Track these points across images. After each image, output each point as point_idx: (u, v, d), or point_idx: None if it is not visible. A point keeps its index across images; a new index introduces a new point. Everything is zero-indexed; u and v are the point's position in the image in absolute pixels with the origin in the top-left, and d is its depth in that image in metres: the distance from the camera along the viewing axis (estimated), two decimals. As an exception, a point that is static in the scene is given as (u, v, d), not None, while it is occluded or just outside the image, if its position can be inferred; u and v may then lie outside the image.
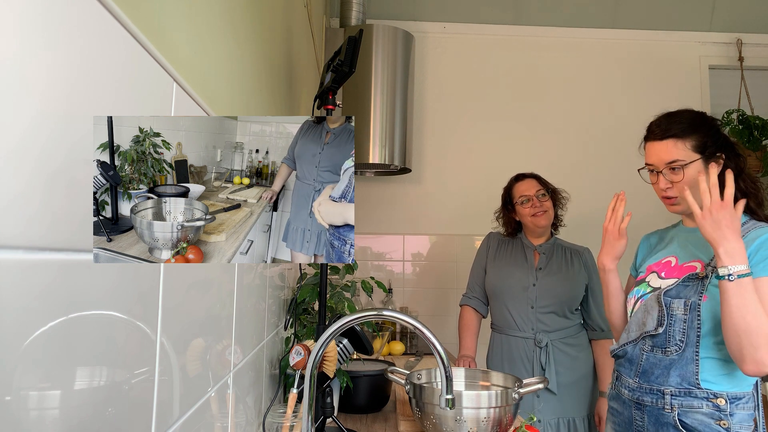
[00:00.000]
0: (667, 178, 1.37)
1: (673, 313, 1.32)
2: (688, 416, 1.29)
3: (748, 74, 3.34)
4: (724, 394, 1.26)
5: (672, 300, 1.33)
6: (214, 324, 0.82)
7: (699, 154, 1.35)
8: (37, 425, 0.37)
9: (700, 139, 1.35)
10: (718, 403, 1.26)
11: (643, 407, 1.36)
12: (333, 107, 1.38)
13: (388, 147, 2.73)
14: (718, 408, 1.26)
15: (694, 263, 1.36)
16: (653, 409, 1.34)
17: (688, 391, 1.29)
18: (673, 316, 1.32)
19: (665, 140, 1.37)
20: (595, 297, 2.11)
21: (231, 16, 0.91)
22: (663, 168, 1.38)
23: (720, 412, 1.26)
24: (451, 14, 3.31)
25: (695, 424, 1.27)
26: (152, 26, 0.56)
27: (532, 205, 2.10)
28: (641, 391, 1.37)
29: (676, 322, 1.32)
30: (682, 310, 1.31)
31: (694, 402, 1.28)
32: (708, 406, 1.27)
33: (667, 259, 1.43)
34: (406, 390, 1.35)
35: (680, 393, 1.30)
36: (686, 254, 1.39)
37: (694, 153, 1.35)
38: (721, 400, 1.26)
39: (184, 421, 0.68)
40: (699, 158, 1.35)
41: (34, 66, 0.36)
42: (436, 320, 3.07)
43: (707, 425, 1.26)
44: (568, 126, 3.30)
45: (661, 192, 1.40)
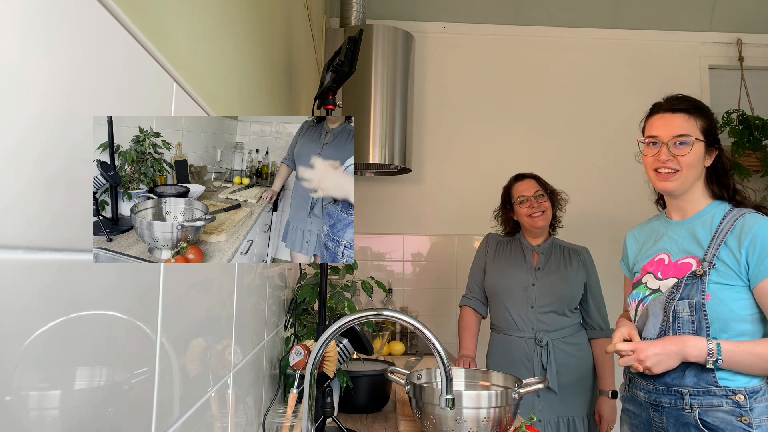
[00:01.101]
0: (670, 150, 1.36)
1: (680, 315, 1.31)
2: (709, 415, 1.28)
3: (748, 74, 3.34)
4: (742, 390, 1.26)
5: (679, 302, 1.32)
6: (214, 324, 0.82)
7: (703, 137, 1.37)
8: (37, 425, 0.37)
9: (708, 123, 1.38)
10: (738, 400, 1.26)
11: (661, 408, 1.35)
12: (333, 107, 1.38)
13: (388, 147, 2.73)
14: (738, 404, 1.26)
15: (688, 259, 1.35)
16: (672, 410, 1.33)
17: (707, 390, 1.28)
18: (680, 318, 1.31)
19: (677, 113, 1.38)
20: (594, 296, 2.12)
21: (231, 16, 0.91)
22: (669, 140, 1.36)
23: (740, 408, 1.25)
24: (451, 14, 3.31)
25: (717, 422, 1.27)
26: (152, 26, 0.56)
27: (530, 205, 2.11)
28: (658, 392, 1.36)
29: (684, 324, 1.30)
30: (688, 312, 1.30)
31: (713, 400, 1.28)
32: (728, 403, 1.26)
33: (660, 256, 1.42)
34: (406, 390, 1.35)
35: (699, 392, 1.29)
36: (678, 250, 1.39)
37: (701, 134, 1.37)
38: (741, 396, 1.26)
39: (184, 421, 0.68)
40: (702, 141, 1.37)
41: (34, 66, 0.36)
42: (436, 320, 3.07)
43: (729, 422, 1.26)
44: (568, 126, 3.30)
45: (659, 164, 1.37)
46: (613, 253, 3.14)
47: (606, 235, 3.19)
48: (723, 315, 1.27)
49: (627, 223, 3.22)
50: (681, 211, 1.42)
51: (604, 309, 2.14)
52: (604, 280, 2.21)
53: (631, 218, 3.24)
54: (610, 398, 2.06)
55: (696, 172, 1.37)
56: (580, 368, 2.05)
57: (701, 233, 1.35)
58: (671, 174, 1.36)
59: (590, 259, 2.16)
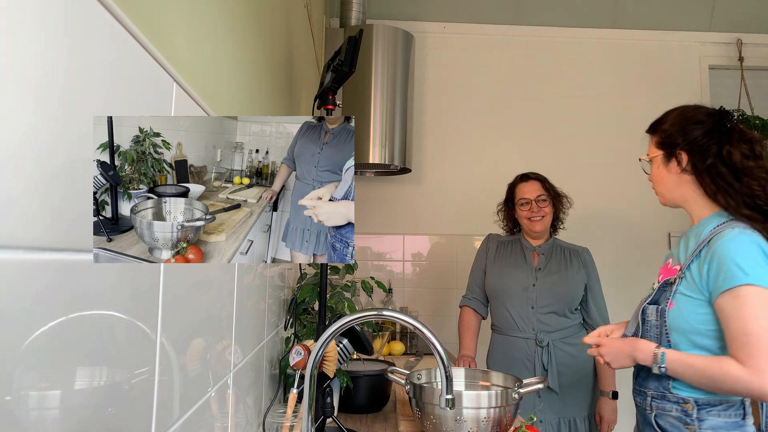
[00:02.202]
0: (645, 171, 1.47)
1: (648, 319, 1.35)
2: (663, 418, 1.32)
3: (748, 74, 3.34)
4: (691, 400, 1.27)
5: (648, 307, 1.35)
6: (214, 324, 0.82)
7: (659, 150, 1.39)
8: (37, 425, 0.37)
9: (663, 135, 1.39)
10: (686, 408, 1.28)
11: (637, 406, 1.42)
12: (333, 107, 1.38)
13: (388, 147, 2.73)
14: (686, 413, 1.28)
15: (676, 266, 1.37)
16: (641, 409, 1.40)
17: (663, 395, 1.32)
18: (648, 322, 1.34)
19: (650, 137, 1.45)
20: (595, 297, 2.12)
21: (231, 16, 0.91)
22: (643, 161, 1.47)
23: (687, 416, 1.28)
24: (451, 14, 3.31)
25: (667, 427, 1.31)
26: (152, 26, 0.56)
27: (530, 209, 2.12)
28: (635, 391, 1.42)
29: (651, 329, 1.34)
30: (655, 316, 1.33)
31: (666, 405, 1.32)
32: (677, 410, 1.30)
33: (668, 260, 1.44)
34: (406, 390, 1.35)
35: (657, 396, 1.34)
36: (678, 255, 1.40)
37: (656, 149, 1.40)
38: (689, 406, 1.28)
39: (184, 421, 0.68)
40: (658, 154, 1.39)
41: (33, 66, 0.36)
42: (436, 320, 3.07)
43: (677, 428, 1.29)
44: (568, 126, 3.30)
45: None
46: (613, 253, 3.15)
47: (606, 236, 3.20)
48: (680, 325, 1.28)
49: (627, 223, 3.24)
50: (691, 218, 1.42)
51: (604, 309, 2.14)
52: (604, 280, 2.21)
53: (631, 218, 3.26)
54: (611, 399, 2.06)
55: (664, 185, 1.39)
56: (581, 368, 2.06)
57: (692, 243, 1.35)
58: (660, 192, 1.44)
59: (591, 259, 2.16)
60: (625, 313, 2.70)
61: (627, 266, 3.17)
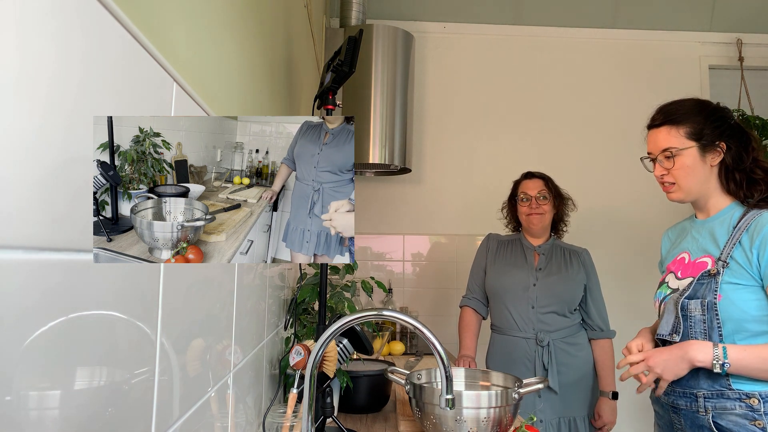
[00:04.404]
0: (662, 165, 1.38)
1: (691, 314, 1.30)
2: (723, 418, 1.26)
3: (748, 74, 3.34)
4: (756, 394, 1.23)
5: (689, 302, 1.30)
6: (214, 324, 0.82)
7: (693, 141, 1.34)
8: (37, 425, 0.37)
9: (696, 126, 1.35)
10: (752, 403, 1.23)
11: (678, 410, 1.35)
12: (333, 107, 1.38)
13: (388, 147, 2.73)
14: (752, 408, 1.23)
15: (704, 258, 1.34)
16: (688, 412, 1.33)
17: (721, 393, 1.27)
18: (692, 317, 1.29)
19: (661, 127, 1.38)
20: (594, 297, 2.12)
21: (231, 16, 0.91)
22: (658, 155, 1.39)
23: (754, 411, 1.23)
24: (451, 14, 3.30)
25: (730, 426, 1.25)
26: (152, 26, 0.56)
27: (530, 205, 2.13)
28: (675, 395, 1.36)
29: (696, 324, 1.29)
30: (700, 311, 1.28)
31: (727, 403, 1.26)
32: (741, 407, 1.24)
33: (681, 255, 1.42)
34: (406, 390, 1.35)
35: (713, 395, 1.28)
36: (697, 249, 1.38)
37: (688, 140, 1.35)
38: (755, 400, 1.23)
39: (184, 421, 0.68)
40: (693, 146, 1.35)
41: (34, 66, 0.36)
42: (436, 320, 3.07)
43: (742, 426, 1.24)
44: (568, 126, 3.30)
45: (659, 179, 1.40)
46: (613, 253, 3.15)
47: (606, 236, 3.19)
48: (735, 315, 1.24)
49: (627, 223, 3.23)
50: (704, 210, 1.40)
51: (604, 310, 2.14)
52: (604, 280, 2.21)
53: (632, 218, 3.25)
54: (611, 399, 2.06)
55: (696, 178, 1.35)
56: (581, 368, 2.06)
57: (719, 232, 1.33)
58: (671, 186, 1.38)
59: (590, 260, 2.17)
60: (625, 313, 2.71)
61: (627, 266, 3.17)
